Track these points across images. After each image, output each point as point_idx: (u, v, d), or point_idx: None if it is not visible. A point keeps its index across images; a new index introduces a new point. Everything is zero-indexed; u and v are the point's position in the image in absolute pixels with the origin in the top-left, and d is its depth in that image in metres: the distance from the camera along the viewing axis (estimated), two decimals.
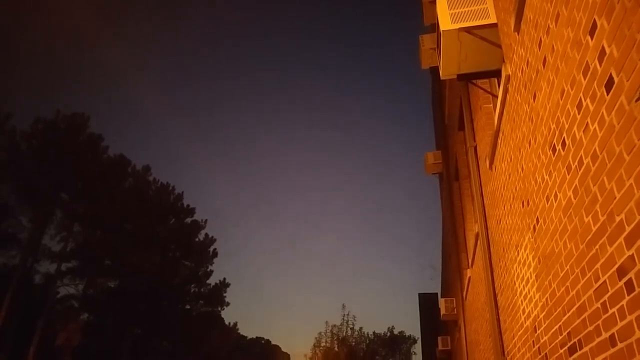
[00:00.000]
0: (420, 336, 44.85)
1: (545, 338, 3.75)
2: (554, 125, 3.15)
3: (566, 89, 2.89)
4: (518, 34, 4.02)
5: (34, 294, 32.96)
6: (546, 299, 3.64)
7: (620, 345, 2.34)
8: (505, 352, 5.65)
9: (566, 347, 3.21)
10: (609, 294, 2.45)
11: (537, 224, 3.74)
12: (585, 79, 2.60)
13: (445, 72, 6.25)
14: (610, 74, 2.29)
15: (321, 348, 54.72)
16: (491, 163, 5.77)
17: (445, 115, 13.02)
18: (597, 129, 2.47)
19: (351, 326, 55.57)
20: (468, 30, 5.42)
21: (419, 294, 43.78)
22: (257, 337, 78.76)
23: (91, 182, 34.40)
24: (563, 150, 3.01)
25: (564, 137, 2.98)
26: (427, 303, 40.63)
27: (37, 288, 34.49)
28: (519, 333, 4.74)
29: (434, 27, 6.91)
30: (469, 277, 9.51)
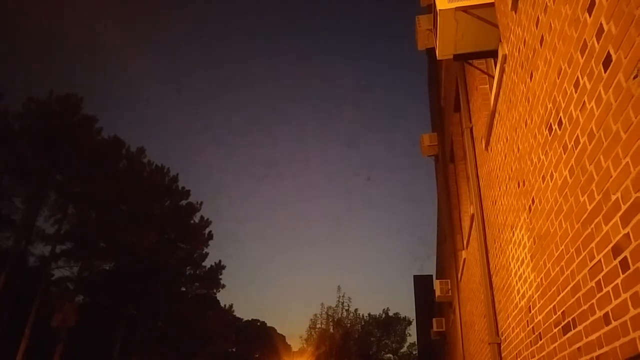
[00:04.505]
0: (415, 318, 45.28)
1: (539, 318, 3.77)
2: (551, 104, 3.13)
3: (563, 67, 2.86)
4: (515, 12, 3.98)
5: (28, 276, 32.91)
6: (541, 279, 3.65)
7: (614, 323, 2.34)
8: (500, 333, 5.69)
9: (560, 326, 3.23)
10: (604, 272, 2.45)
11: (533, 204, 3.74)
12: (582, 57, 2.57)
13: (442, 53, 6.20)
14: (608, 52, 2.27)
15: (316, 330, 55.25)
16: (487, 144, 5.76)
17: (441, 97, 12.98)
18: (594, 107, 2.46)
19: (346, 308, 56.12)
20: (465, 9, 5.37)
21: (414, 276, 44.12)
22: (252, 319, 79.05)
23: (85, 163, 34.23)
24: (559, 129, 2.99)
25: (560, 117, 2.96)
26: (422, 285, 40.89)
27: (32, 270, 34.45)
28: (514, 313, 4.77)
29: (431, 8, 6.84)
30: (464, 259, 9.55)
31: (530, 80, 3.58)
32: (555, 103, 3.05)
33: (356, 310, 57.73)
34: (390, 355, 62.75)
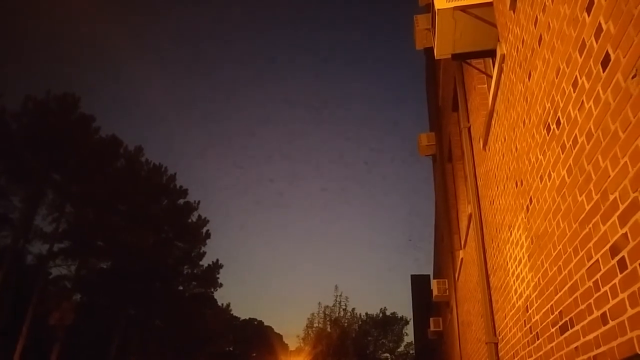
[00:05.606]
0: (412, 317, 45.30)
1: (536, 317, 3.77)
2: (549, 104, 3.12)
3: (562, 67, 2.86)
4: (514, 12, 3.97)
5: (26, 274, 32.84)
6: (538, 278, 3.65)
7: (611, 323, 2.34)
8: (497, 332, 5.69)
9: (557, 326, 3.23)
10: (601, 272, 2.44)
11: (531, 204, 3.73)
12: (581, 57, 2.57)
13: (440, 52, 6.20)
14: (607, 51, 2.26)
15: (314, 329, 55.10)
16: (485, 144, 5.75)
17: (439, 97, 12.98)
18: (593, 107, 2.45)
19: (344, 307, 55.91)
20: (463, 9, 5.37)
21: (412, 276, 44.15)
22: (250, 318, 79.06)
23: (83, 162, 34.13)
24: (558, 129, 2.99)
25: (558, 116, 2.96)
26: (420, 284, 40.90)
27: (29, 269, 34.38)
28: (511, 313, 4.77)
29: (429, 7, 6.84)
30: (462, 259, 9.55)
31: (529, 80, 3.58)
32: (553, 103, 3.04)
33: (353, 309, 57.65)
34: (388, 355, 62.73)
